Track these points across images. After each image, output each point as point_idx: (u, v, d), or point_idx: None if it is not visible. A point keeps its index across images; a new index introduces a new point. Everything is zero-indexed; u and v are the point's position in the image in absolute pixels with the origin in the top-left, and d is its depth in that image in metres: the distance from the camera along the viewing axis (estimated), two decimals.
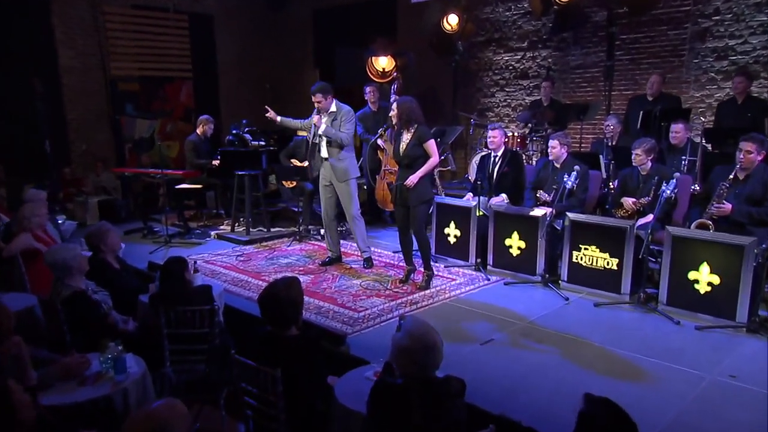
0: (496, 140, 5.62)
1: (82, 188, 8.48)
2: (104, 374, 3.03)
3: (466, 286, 5.07)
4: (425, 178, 4.78)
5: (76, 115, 9.10)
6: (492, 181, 5.65)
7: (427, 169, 4.72)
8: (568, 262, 4.90)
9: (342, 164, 5.35)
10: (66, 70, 8.91)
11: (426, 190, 4.80)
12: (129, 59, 9.49)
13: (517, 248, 5.23)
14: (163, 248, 6.29)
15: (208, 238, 6.79)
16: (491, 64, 8.84)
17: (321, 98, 5.28)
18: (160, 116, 10.03)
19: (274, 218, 7.58)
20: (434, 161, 4.73)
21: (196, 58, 10.21)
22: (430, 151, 4.72)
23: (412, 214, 4.85)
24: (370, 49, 8.41)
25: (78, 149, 9.16)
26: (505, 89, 8.76)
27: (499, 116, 8.84)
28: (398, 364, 2.42)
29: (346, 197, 5.42)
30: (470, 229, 5.48)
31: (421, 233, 4.88)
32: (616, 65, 7.30)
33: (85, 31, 9.03)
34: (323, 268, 5.59)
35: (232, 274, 5.48)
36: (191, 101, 10.34)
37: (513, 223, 5.20)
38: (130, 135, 9.71)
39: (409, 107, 4.73)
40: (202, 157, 7.29)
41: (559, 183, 4.92)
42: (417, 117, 4.72)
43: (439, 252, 5.75)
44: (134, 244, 6.47)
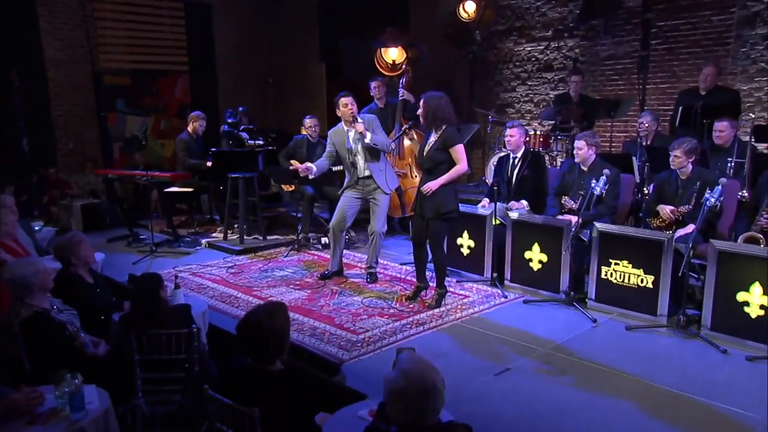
0: (515, 139, 5.43)
1: (67, 190, 8.36)
2: (59, 411, 2.80)
3: (480, 304, 4.85)
4: (449, 190, 4.54)
5: (63, 111, 9.04)
6: (510, 185, 5.46)
7: (450, 177, 4.49)
8: (596, 279, 4.66)
9: (384, 174, 5.17)
10: (51, 63, 8.85)
11: (445, 203, 4.53)
12: (120, 51, 9.44)
13: (538, 262, 5.00)
14: (148, 258, 6.15)
15: (199, 246, 6.65)
16: (512, 55, 8.69)
17: (352, 103, 5.08)
18: (153, 112, 9.93)
19: (272, 225, 7.42)
20: (460, 169, 4.50)
21: (192, 51, 10.16)
22: (456, 157, 4.48)
23: (429, 228, 4.63)
24: (380, 40, 8.27)
25: (64, 148, 9.08)
26: (527, 83, 8.60)
27: (520, 113, 8.67)
28: (392, 409, 2.17)
29: (383, 209, 5.22)
30: (485, 240, 5.28)
31: (438, 251, 4.67)
32: (652, 56, 7.11)
33: (72, 21, 8.97)
34: (322, 282, 5.40)
35: (221, 288, 5.30)
36: (187, 96, 10.25)
37: (533, 234, 4.99)
38: (120, 133, 9.62)
39: (437, 104, 4.49)
40: (195, 157, 7.14)
41: (586, 188, 4.68)
42: (446, 116, 4.48)
43: (451, 265, 5.53)
44: (117, 254, 6.33)
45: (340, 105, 5.10)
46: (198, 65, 10.22)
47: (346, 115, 5.09)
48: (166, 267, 5.87)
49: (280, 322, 2.78)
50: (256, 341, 2.71)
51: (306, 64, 10.87)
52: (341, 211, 5.29)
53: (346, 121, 5.13)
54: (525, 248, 5.05)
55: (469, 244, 5.46)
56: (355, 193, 5.26)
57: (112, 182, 7.23)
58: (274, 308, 2.84)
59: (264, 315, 2.77)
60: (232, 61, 10.68)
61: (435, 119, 4.49)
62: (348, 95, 5.11)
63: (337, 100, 5.13)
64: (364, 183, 5.21)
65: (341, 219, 5.28)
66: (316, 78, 10.88)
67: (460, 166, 4.48)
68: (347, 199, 5.27)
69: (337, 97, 5.15)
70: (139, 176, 6.48)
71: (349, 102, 5.09)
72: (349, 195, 5.26)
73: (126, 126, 9.70)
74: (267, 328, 2.71)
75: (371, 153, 5.12)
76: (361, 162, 5.17)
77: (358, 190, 5.24)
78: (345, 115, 5.11)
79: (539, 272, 4.99)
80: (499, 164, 5.72)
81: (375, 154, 5.14)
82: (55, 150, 8.97)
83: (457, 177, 4.52)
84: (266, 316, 2.77)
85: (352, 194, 5.26)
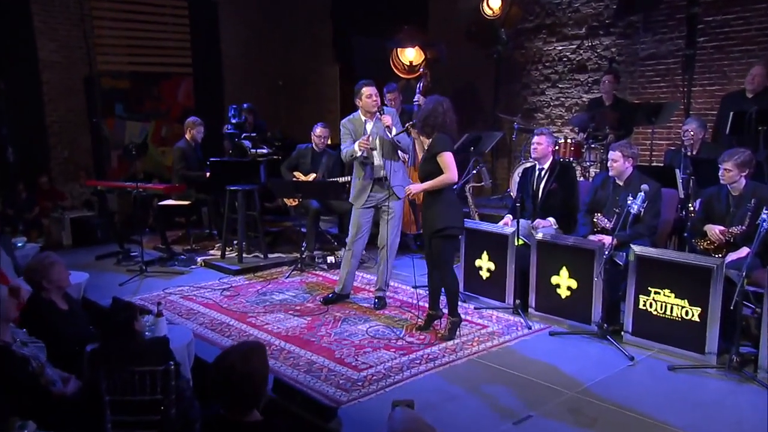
0: (542, 148, 5.24)
1: (59, 202, 8.30)
2: None
3: (501, 335, 4.61)
4: (445, 203, 4.37)
5: (57, 116, 8.95)
6: (536, 200, 5.27)
7: (433, 185, 4.33)
8: (633, 310, 4.39)
9: (399, 174, 5.01)
10: (46, 65, 8.77)
11: (440, 217, 4.35)
12: (119, 52, 9.36)
13: (566, 288, 4.76)
14: (137, 279, 6.03)
15: (194, 265, 6.54)
16: (541, 55, 8.51)
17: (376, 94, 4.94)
18: (153, 118, 9.85)
19: (275, 241, 7.29)
20: (446, 178, 4.31)
21: (196, 51, 10.06)
22: (442, 166, 4.30)
23: (431, 248, 4.48)
24: (396, 40, 8.25)
25: (59, 156, 9.01)
26: (558, 85, 8.41)
27: (550, 118, 8.48)
28: None
29: (396, 219, 5.05)
30: (507, 262, 5.07)
31: (444, 273, 4.47)
32: (699, 55, 6.88)
33: (68, 20, 8.88)
34: (324, 307, 5.21)
35: (212, 314, 5.13)
36: (191, 100, 10.15)
37: (562, 256, 4.76)
38: (119, 139, 9.54)
39: (432, 110, 4.35)
40: (193, 167, 7.04)
41: (621, 205, 4.45)
42: (439, 123, 4.33)
43: (469, 289, 5.38)
44: (104, 273, 6.25)
45: (362, 95, 4.92)
46: (202, 67, 10.11)
47: (369, 106, 4.92)
48: (155, 288, 5.75)
49: (255, 367, 2.55)
50: (228, 388, 2.49)
51: (319, 65, 10.82)
52: (357, 225, 5.12)
53: (367, 112, 4.96)
54: (552, 272, 4.83)
55: (488, 267, 5.25)
56: (365, 204, 5.08)
57: (103, 194, 7.09)
58: (250, 350, 2.61)
59: (238, 358, 2.55)
60: (240, 63, 10.57)
61: (426, 125, 4.36)
62: (371, 84, 4.94)
63: (358, 89, 4.95)
64: (377, 188, 5.01)
65: (358, 232, 5.11)
66: (329, 80, 10.82)
67: (446, 175, 4.30)
68: (361, 212, 5.11)
69: (358, 86, 4.96)
70: (129, 188, 6.31)
71: (373, 92, 4.92)
72: (362, 206, 5.09)
73: (125, 132, 9.62)
74: (240, 374, 2.49)
75: (389, 149, 4.93)
76: (378, 159, 4.98)
77: (369, 201, 5.06)
78: (368, 107, 4.94)
79: (568, 300, 4.75)
80: (523, 176, 5.54)
81: (393, 152, 4.97)
82: (48, 158, 8.87)
83: (442, 186, 4.33)
84: (240, 360, 2.54)
85: (365, 204, 5.09)
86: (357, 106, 5.03)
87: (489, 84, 8.64)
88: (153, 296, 5.47)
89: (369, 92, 4.91)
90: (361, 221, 5.11)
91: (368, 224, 5.15)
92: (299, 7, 10.62)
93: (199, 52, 10.07)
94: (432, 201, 4.39)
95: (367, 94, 4.91)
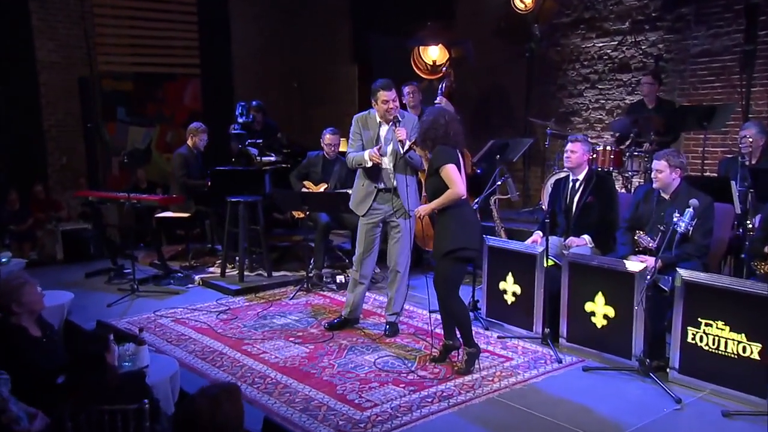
0: (576, 157, 5.11)
1: (53, 212, 8.29)
2: None
3: (526, 369, 4.39)
4: (462, 223, 4.22)
5: (55, 120, 9.03)
6: (569, 216, 5.14)
7: (440, 203, 4.20)
8: (680, 343, 4.14)
9: (411, 190, 4.80)
10: (44, 66, 8.86)
11: (447, 238, 4.20)
12: (122, 52, 9.43)
13: (602, 317, 4.54)
14: (128, 299, 5.96)
15: (191, 284, 6.47)
16: (579, 53, 8.33)
17: (394, 100, 4.70)
18: (158, 122, 9.89)
19: (283, 257, 7.20)
20: (452, 194, 4.15)
21: (205, 51, 10.11)
22: (446, 180, 4.16)
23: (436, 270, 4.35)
24: (418, 37, 8.24)
25: (56, 163, 9.05)
26: (598, 86, 8.20)
27: (589, 122, 8.28)
28: None
29: (406, 238, 4.88)
30: (535, 285, 4.89)
31: (447, 299, 4.30)
32: (760, 51, 6.62)
33: (68, 18, 8.97)
34: (329, 333, 5.06)
35: (205, 340, 4.99)
36: (198, 103, 10.21)
37: (597, 279, 4.56)
38: (121, 145, 9.58)
39: (432, 121, 4.22)
40: (195, 176, 6.98)
41: (667, 222, 4.25)
42: (439, 136, 4.20)
43: (492, 315, 5.22)
44: (93, 293, 6.20)
45: (378, 99, 4.68)
46: (212, 68, 10.14)
47: (384, 114, 4.71)
48: (146, 310, 5.67)
49: (227, 415, 2.37)
50: None
51: (337, 65, 10.79)
52: (363, 242, 4.96)
53: (382, 116, 4.77)
54: (586, 298, 4.61)
55: (514, 290, 5.07)
56: (371, 218, 4.92)
57: (94, 205, 7.03)
58: (222, 394, 2.42)
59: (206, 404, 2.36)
60: (252, 63, 10.58)
61: (426, 139, 4.23)
62: (389, 88, 4.66)
63: (374, 91, 4.71)
64: (384, 198, 4.84)
65: (366, 250, 4.95)
66: (348, 81, 10.78)
67: (451, 190, 4.14)
68: (367, 229, 4.96)
69: (374, 86, 4.71)
70: (122, 199, 6.23)
71: (390, 98, 4.65)
72: (369, 222, 4.94)
73: (127, 137, 9.68)
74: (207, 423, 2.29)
75: (403, 162, 4.77)
76: (389, 165, 4.79)
77: (374, 213, 4.90)
78: (382, 114, 4.73)
79: (604, 330, 4.52)
80: (555, 188, 5.40)
81: (406, 165, 4.80)
82: (45, 165, 8.93)
83: (449, 202, 4.18)
84: (209, 406, 2.37)
85: (372, 220, 4.94)
86: None
87: (520, 85, 8.52)
88: (142, 319, 5.38)
89: (386, 98, 4.66)
90: (368, 238, 4.96)
91: (376, 241, 5.00)
92: (316, 4, 10.62)
93: (208, 51, 10.10)
94: (443, 220, 4.25)
95: (383, 100, 4.67)
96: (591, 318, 4.57)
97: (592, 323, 4.56)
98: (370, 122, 4.86)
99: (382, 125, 4.82)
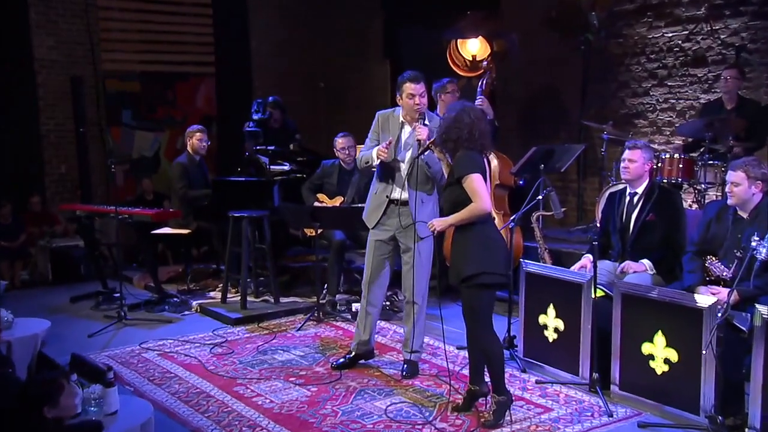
0: (634, 167, 4.94)
1: (49, 226, 8.31)
2: None
3: (570, 424, 4.14)
4: (485, 243, 3.99)
5: (54, 125, 9.04)
6: (625, 236, 4.97)
7: (460, 218, 3.98)
8: (761, 397, 3.81)
9: (427, 209, 4.65)
10: (43, 65, 8.90)
11: (477, 260, 3.96)
12: (128, 49, 9.47)
13: (663, 361, 4.24)
14: (113, 328, 5.89)
15: (187, 311, 6.42)
16: (644, 44, 8.08)
17: (422, 94, 4.57)
18: (167, 127, 9.88)
19: (294, 281, 7.14)
20: (475, 209, 3.92)
21: (221, 47, 10.14)
22: (469, 192, 3.94)
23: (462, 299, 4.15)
24: (455, 29, 8.12)
25: (54, 172, 9.08)
26: (667, 83, 7.92)
27: (656, 126, 8.00)
28: None
29: (423, 264, 4.71)
30: (581, 320, 4.66)
31: (479, 333, 4.06)
32: None
33: (69, 12, 9.00)
34: (336, 372, 4.89)
35: (192, 379, 4.85)
36: (212, 106, 10.24)
37: (658, 315, 4.30)
38: (127, 152, 9.62)
39: (455, 119, 4.02)
40: (196, 186, 6.93)
41: (745, 247, 4.12)
42: (464, 137, 3.98)
43: (529, 354, 5.04)
44: (76, 320, 6.18)
45: (404, 92, 4.56)
46: (228, 66, 10.15)
47: (410, 108, 4.57)
48: (131, 341, 5.60)
49: None
50: None
51: (367, 63, 10.77)
52: (370, 262, 4.81)
53: (407, 114, 4.65)
54: (643, 338, 4.35)
55: (556, 326, 4.84)
56: (381, 233, 4.76)
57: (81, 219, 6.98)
58: None
59: None
60: (273, 61, 10.56)
61: (447, 140, 4.03)
62: (417, 80, 4.54)
63: (400, 84, 4.60)
64: (394, 212, 4.68)
65: (378, 268, 4.79)
66: (379, 79, 10.76)
67: (474, 204, 3.93)
68: (375, 247, 4.81)
69: (401, 79, 4.61)
70: (111, 213, 6.17)
71: (418, 92, 4.52)
72: (378, 239, 4.80)
73: (134, 144, 9.70)
74: None
75: (422, 172, 4.58)
76: (404, 172, 4.64)
77: (383, 228, 4.75)
78: (408, 109, 4.60)
79: (666, 377, 4.24)
80: (609, 204, 5.23)
81: (425, 177, 4.63)
82: (43, 174, 8.96)
83: (472, 218, 3.97)
84: None
85: (380, 236, 4.79)
86: None
87: (574, 83, 8.33)
88: (124, 352, 5.31)
89: (412, 90, 4.53)
90: (377, 256, 4.79)
91: (387, 261, 4.84)
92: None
93: (224, 48, 10.12)
94: (461, 238, 4.02)
95: (409, 93, 4.54)
96: (649, 362, 4.31)
97: (650, 368, 4.30)
98: (391, 122, 4.76)
99: (404, 127, 4.69)
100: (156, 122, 9.80)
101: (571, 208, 8.10)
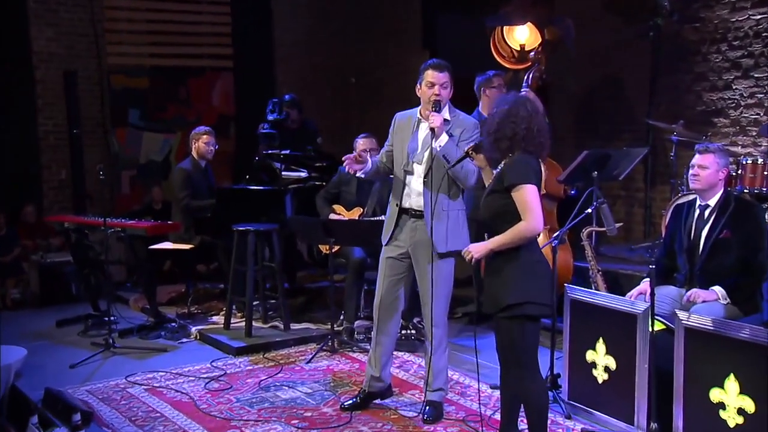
0: (706, 175, 4.76)
1: (43, 239, 8.36)
2: None
3: None
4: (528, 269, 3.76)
5: (53, 126, 9.14)
6: (693, 257, 4.78)
7: (503, 242, 3.73)
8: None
9: (446, 224, 4.49)
10: (42, 59, 9.02)
11: (520, 288, 3.72)
12: (136, 41, 9.58)
13: (736, 411, 3.96)
14: (99, 358, 5.82)
15: (185, 338, 6.36)
16: (725, 29, 7.82)
17: (444, 85, 4.44)
18: (179, 128, 9.90)
19: (311, 304, 7.07)
20: (524, 229, 3.69)
21: (240, 40, 10.25)
22: (519, 206, 3.70)
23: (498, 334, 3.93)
24: (500, 16, 7.94)
25: (53, 178, 9.17)
26: (753, 75, 7.64)
27: (739, 125, 7.71)
28: None
29: (440, 286, 4.56)
30: (637, 359, 4.43)
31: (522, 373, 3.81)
32: None
33: (72, 1, 9.13)
34: (346, 414, 4.72)
35: (180, 420, 4.72)
36: (229, 104, 10.32)
37: (729, 355, 4.05)
38: (134, 155, 9.70)
39: (508, 113, 3.78)
40: (200, 195, 6.90)
41: None
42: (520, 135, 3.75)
43: (574, 397, 4.81)
44: (59, 347, 6.14)
45: (424, 79, 4.44)
46: (247, 60, 10.23)
47: (427, 97, 4.43)
48: (117, 373, 5.51)
49: None
50: None
51: (404, 55, 10.63)
52: (381, 283, 4.68)
53: (424, 107, 4.53)
54: (711, 381, 4.08)
55: (606, 364, 4.61)
56: (396, 249, 4.63)
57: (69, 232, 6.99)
58: None
59: None
60: (298, 54, 10.64)
61: (499, 139, 3.75)
62: (443, 69, 4.42)
63: (422, 70, 4.49)
64: (406, 224, 4.57)
65: (391, 291, 4.66)
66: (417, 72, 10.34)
67: (525, 224, 3.69)
68: (388, 264, 4.69)
69: (423, 65, 4.51)
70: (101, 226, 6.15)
71: (438, 80, 4.38)
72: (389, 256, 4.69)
73: (141, 146, 9.76)
74: None
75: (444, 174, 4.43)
76: (418, 178, 4.52)
77: (395, 243, 4.62)
78: (426, 100, 4.46)
79: (739, 431, 3.95)
80: (674, 217, 5.01)
81: (449, 180, 4.47)
82: (40, 180, 9.06)
83: (520, 241, 3.73)
84: None
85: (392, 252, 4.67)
86: None
87: (641, 76, 8.13)
88: (108, 386, 5.22)
89: (432, 78, 4.38)
90: (389, 277, 4.64)
91: (401, 283, 4.70)
92: None
93: (244, 40, 10.21)
94: (500, 262, 3.76)
95: (429, 81, 4.39)
96: (719, 412, 4.04)
97: (721, 420, 4.03)
98: (407, 120, 4.64)
99: (420, 124, 4.55)
100: (166, 123, 9.85)
101: (637, 222, 7.92)
